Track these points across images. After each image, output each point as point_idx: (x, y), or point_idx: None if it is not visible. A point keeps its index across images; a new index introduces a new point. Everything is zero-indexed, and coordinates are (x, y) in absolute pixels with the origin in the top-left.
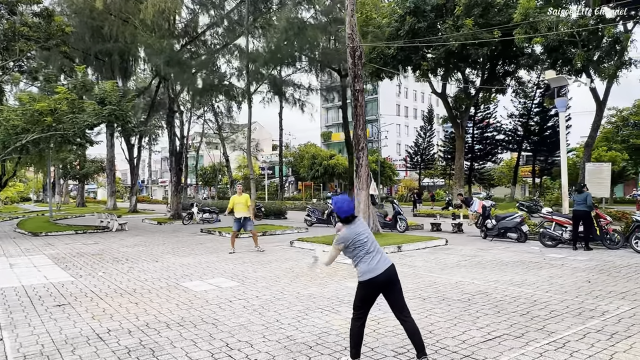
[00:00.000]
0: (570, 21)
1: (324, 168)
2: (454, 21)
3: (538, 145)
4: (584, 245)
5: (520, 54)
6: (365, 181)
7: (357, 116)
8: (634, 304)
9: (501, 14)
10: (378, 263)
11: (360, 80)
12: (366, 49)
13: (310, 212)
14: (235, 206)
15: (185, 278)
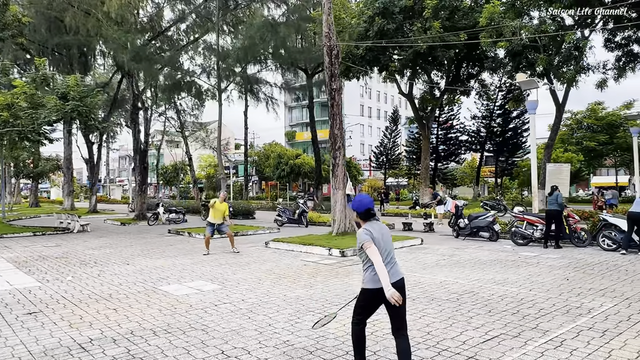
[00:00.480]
0: (533, 27)
1: (290, 167)
2: (422, 23)
3: (499, 146)
4: (554, 243)
5: (485, 57)
6: (342, 181)
7: (333, 115)
8: (615, 301)
9: (466, 18)
10: (389, 272)
11: (336, 79)
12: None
13: (281, 212)
14: (213, 212)
15: (162, 281)
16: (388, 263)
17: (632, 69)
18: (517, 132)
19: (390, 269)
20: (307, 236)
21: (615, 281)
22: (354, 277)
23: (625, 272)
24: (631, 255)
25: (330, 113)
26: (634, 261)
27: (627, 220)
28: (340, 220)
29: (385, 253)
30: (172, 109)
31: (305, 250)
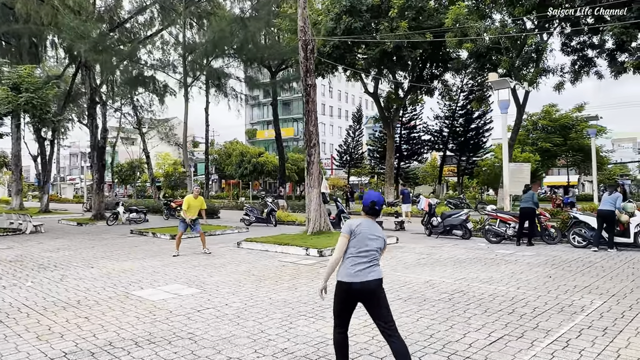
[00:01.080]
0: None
1: (253, 166)
2: (389, 22)
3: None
4: (527, 241)
5: (449, 58)
6: (317, 179)
7: (309, 112)
8: (603, 298)
9: (431, 19)
10: (361, 271)
11: (312, 74)
12: (287, 53)
13: (249, 211)
14: (189, 210)
15: (134, 286)
16: (364, 262)
17: (586, 72)
18: (478, 132)
19: (364, 267)
20: (281, 236)
21: (596, 278)
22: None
23: (602, 269)
24: (602, 252)
25: (305, 110)
26: (606, 258)
27: (597, 218)
28: (316, 220)
29: (364, 249)
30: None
31: (281, 251)
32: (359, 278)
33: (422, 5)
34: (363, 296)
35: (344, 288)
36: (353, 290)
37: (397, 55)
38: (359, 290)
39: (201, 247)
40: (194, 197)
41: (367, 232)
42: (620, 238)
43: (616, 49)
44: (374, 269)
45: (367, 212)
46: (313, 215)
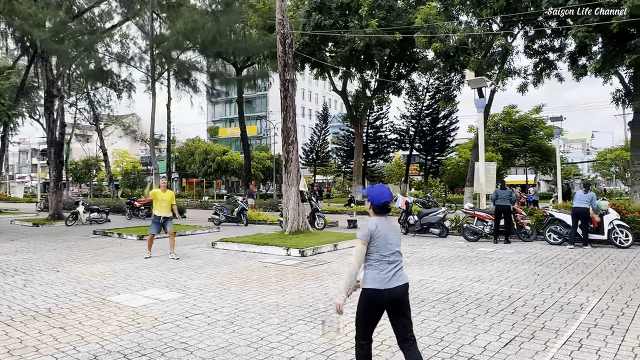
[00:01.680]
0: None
1: (217, 164)
2: (359, 21)
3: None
4: (504, 238)
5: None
6: (296, 177)
7: (286, 108)
8: (597, 295)
9: (401, 18)
10: (391, 277)
11: (290, 69)
12: (266, 45)
13: (218, 210)
14: (157, 204)
15: (108, 291)
16: (391, 266)
17: (547, 75)
18: (444, 131)
19: (393, 272)
20: (257, 235)
21: (582, 275)
22: (326, 279)
23: (585, 266)
24: (578, 249)
25: (284, 105)
26: (584, 255)
27: (572, 215)
28: (294, 219)
29: (388, 253)
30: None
31: (259, 251)
32: (389, 284)
33: (391, 4)
34: (392, 303)
35: (374, 296)
36: (383, 297)
37: (367, 54)
38: (389, 298)
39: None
40: (162, 191)
41: (387, 234)
42: (595, 235)
43: (578, 52)
44: (401, 273)
45: (379, 212)
46: (291, 214)
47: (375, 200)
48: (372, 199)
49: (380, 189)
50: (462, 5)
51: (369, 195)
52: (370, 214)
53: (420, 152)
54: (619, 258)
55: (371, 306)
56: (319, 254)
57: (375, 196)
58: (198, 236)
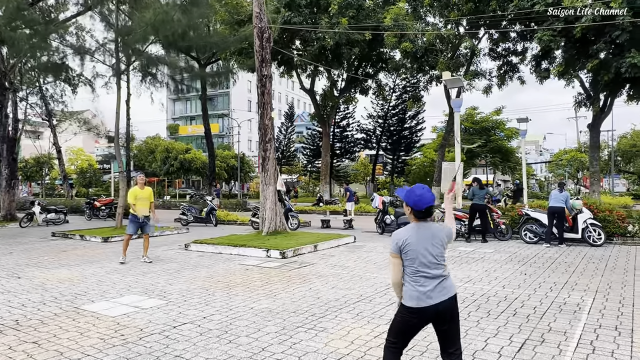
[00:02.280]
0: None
1: (179, 163)
2: (329, 19)
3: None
4: (481, 237)
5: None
6: (273, 175)
7: (264, 104)
8: (589, 295)
9: (370, 18)
10: (431, 292)
11: (267, 64)
12: (236, 41)
13: (186, 211)
14: (137, 201)
15: (81, 298)
16: (430, 280)
17: (510, 77)
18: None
19: (434, 286)
20: (232, 236)
21: (568, 274)
22: (313, 281)
23: (567, 265)
24: (554, 247)
25: (261, 102)
26: (562, 253)
27: (548, 215)
28: (271, 219)
29: (422, 265)
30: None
31: (237, 253)
32: (431, 300)
33: (360, 3)
34: (437, 318)
35: (413, 313)
36: (425, 315)
37: (336, 52)
38: (431, 314)
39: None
40: (140, 188)
41: (423, 243)
42: (569, 234)
43: (542, 56)
44: (445, 284)
45: (420, 217)
46: (268, 214)
47: (417, 206)
48: (413, 204)
49: (420, 192)
50: (430, 7)
51: (408, 199)
52: (411, 219)
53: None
54: (596, 256)
55: (406, 324)
56: (300, 255)
57: (416, 201)
58: (167, 237)
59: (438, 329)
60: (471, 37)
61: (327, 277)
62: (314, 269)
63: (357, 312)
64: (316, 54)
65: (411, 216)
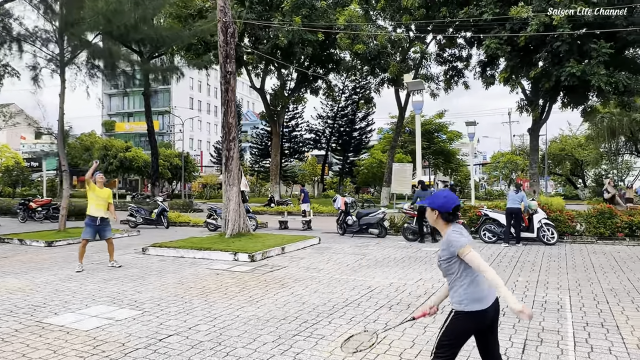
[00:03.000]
0: (386, 34)
1: (119, 161)
2: (282, 17)
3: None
4: (430, 238)
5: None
6: (237, 175)
7: (228, 101)
8: (564, 292)
9: (323, 18)
10: (489, 290)
11: (232, 60)
12: (190, 36)
13: (135, 212)
14: (93, 202)
15: (41, 310)
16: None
17: (455, 82)
18: (362, 132)
19: (485, 283)
20: (194, 239)
21: (536, 272)
22: (292, 286)
23: (532, 264)
24: (513, 246)
25: (224, 99)
26: (522, 252)
27: (506, 215)
28: (235, 221)
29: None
30: None
31: (202, 256)
32: (491, 299)
33: (314, 3)
34: (492, 322)
35: (477, 318)
36: (487, 317)
37: (289, 52)
38: (491, 315)
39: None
40: (100, 187)
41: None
42: (525, 233)
43: (487, 63)
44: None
45: (450, 220)
46: (232, 216)
47: (444, 208)
48: (440, 207)
49: (445, 194)
50: (382, 11)
51: (435, 205)
52: (440, 225)
53: (335, 152)
54: (554, 255)
55: (470, 329)
56: (268, 258)
57: (443, 204)
58: (118, 241)
59: (483, 337)
60: (421, 42)
61: (304, 280)
62: (287, 272)
63: (350, 318)
64: (268, 53)
65: (440, 221)
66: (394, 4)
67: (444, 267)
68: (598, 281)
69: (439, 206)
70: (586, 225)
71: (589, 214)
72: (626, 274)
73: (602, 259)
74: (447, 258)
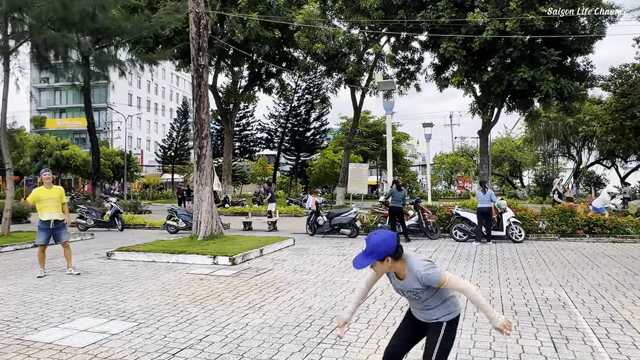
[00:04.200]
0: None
1: (55, 160)
2: (238, 12)
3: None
4: (404, 237)
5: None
6: (209, 175)
7: (200, 97)
8: (558, 289)
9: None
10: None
11: (204, 53)
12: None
13: (85, 214)
14: (41, 203)
15: (16, 326)
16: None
17: (407, 84)
18: (315, 133)
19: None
20: (164, 242)
21: (521, 269)
22: (288, 290)
23: (511, 261)
24: (484, 244)
25: (197, 94)
26: (498, 250)
27: (477, 215)
28: (207, 222)
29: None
30: None
31: (176, 260)
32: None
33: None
34: None
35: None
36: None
37: (244, 48)
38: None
39: (66, 263)
40: (47, 187)
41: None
42: (495, 231)
43: (441, 66)
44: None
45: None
46: (205, 217)
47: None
48: (387, 251)
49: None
50: (340, 12)
51: (382, 254)
52: (399, 266)
53: (288, 152)
54: (527, 252)
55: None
56: (249, 260)
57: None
58: (73, 245)
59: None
60: (377, 43)
61: (297, 283)
62: (275, 275)
63: (366, 321)
64: (222, 49)
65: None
66: (351, 5)
67: (425, 298)
68: (582, 277)
69: (385, 251)
70: (549, 223)
71: (551, 213)
72: (602, 269)
73: (573, 256)
74: (425, 290)
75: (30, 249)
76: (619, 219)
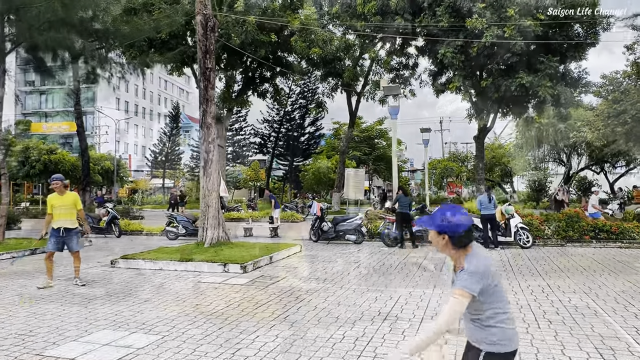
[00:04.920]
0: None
1: (43, 164)
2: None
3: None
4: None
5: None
6: (216, 180)
7: (207, 100)
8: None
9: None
10: (514, 326)
11: (212, 56)
12: (135, 31)
13: None
14: (54, 211)
15: (32, 340)
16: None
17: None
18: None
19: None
20: (168, 249)
21: (535, 275)
22: (308, 299)
23: (527, 268)
24: (492, 250)
25: (204, 97)
26: (510, 256)
27: (482, 222)
28: (214, 228)
29: (505, 298)
30: None
31: (185, 268)
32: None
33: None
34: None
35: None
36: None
37: (239, 53)
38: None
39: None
40: (60, 194)
41: (492, 274)
42: (502, 237)
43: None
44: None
45: (463, 244)
46: (211, 223)
47: (455, 230)
48: (450, 229)
49: (452, 213)
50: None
51: (439, 227)
52: (447, 252)
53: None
54: (539, 257)
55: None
56: (259, 268)
57: (453, 227)
58: None
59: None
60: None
61: (317, 292)
62: (291, 283)
63: (401, 331)
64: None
65: (448, 247)
66: (348, 10)
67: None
68: (603, 284)
69: (449, 229)
70: (555, 229)
71: (558, 219)
72: (620, 275)
73: (585, 261)
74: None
75: (27, 256)
76: (625, 224)
